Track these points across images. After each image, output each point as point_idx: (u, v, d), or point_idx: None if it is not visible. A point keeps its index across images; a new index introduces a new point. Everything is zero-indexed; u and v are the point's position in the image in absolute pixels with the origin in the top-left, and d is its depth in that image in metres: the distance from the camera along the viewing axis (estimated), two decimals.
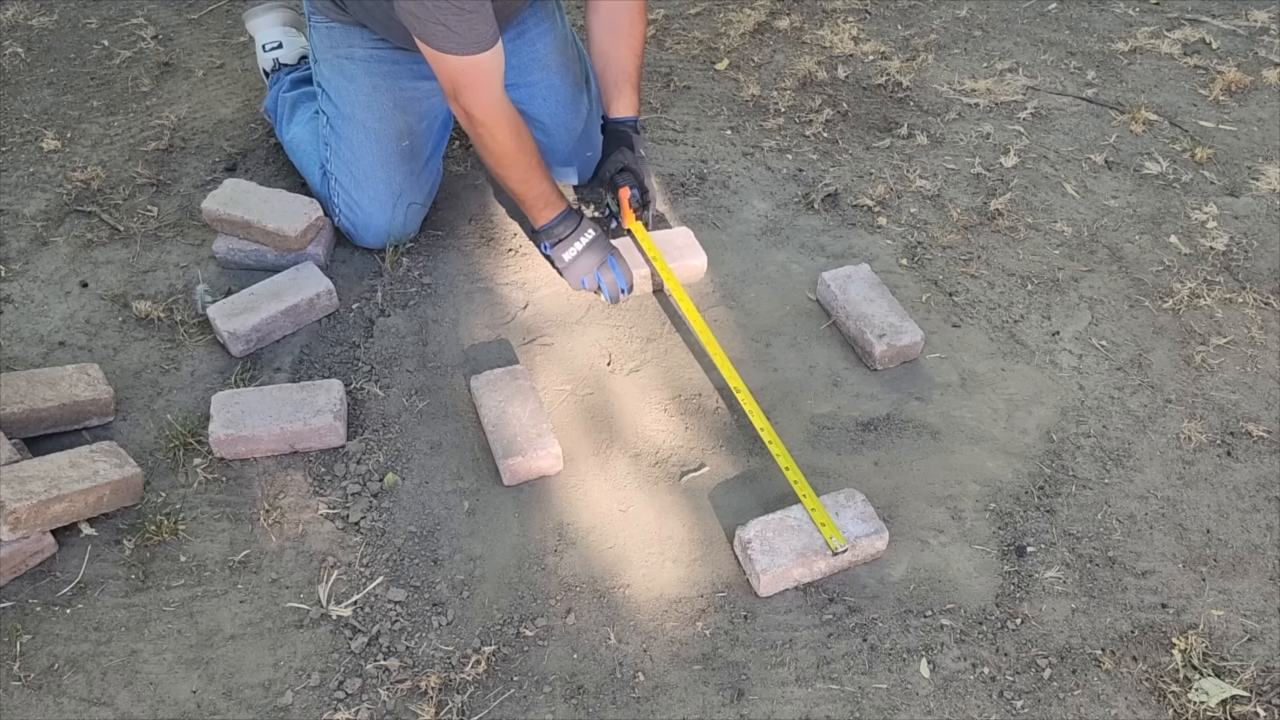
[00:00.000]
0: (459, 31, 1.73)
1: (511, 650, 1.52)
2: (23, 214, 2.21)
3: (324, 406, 1.74)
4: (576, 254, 1.98)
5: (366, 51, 2.01)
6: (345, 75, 2.02)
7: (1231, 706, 1.45)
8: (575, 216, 2.00)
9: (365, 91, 2.01)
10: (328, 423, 1.72)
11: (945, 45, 2.78)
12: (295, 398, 1.75)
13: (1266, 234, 2.20)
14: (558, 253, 2.00)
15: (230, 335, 1.87)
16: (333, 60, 2.03)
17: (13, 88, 2.56)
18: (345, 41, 2.02)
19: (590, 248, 1.99)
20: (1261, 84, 2.63)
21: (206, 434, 1.73)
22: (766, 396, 1.87)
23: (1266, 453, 1.79)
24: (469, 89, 1.82)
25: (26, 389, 1.72)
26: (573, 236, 1.98)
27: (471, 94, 1.82)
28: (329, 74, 2.04)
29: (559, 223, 1.99)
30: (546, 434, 1.72)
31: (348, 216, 2.07)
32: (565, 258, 1.99)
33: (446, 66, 1.79)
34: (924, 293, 2.06)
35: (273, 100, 2.29)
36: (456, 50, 1.76)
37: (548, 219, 1.99)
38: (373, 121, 2.01)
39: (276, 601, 1.57)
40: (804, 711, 1.46)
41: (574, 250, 1.98)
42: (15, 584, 1.58)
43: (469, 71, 1.79)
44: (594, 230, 2.00)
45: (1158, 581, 1.61)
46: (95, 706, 1.45)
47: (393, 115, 2.02)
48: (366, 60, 2.01)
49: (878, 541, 1.60)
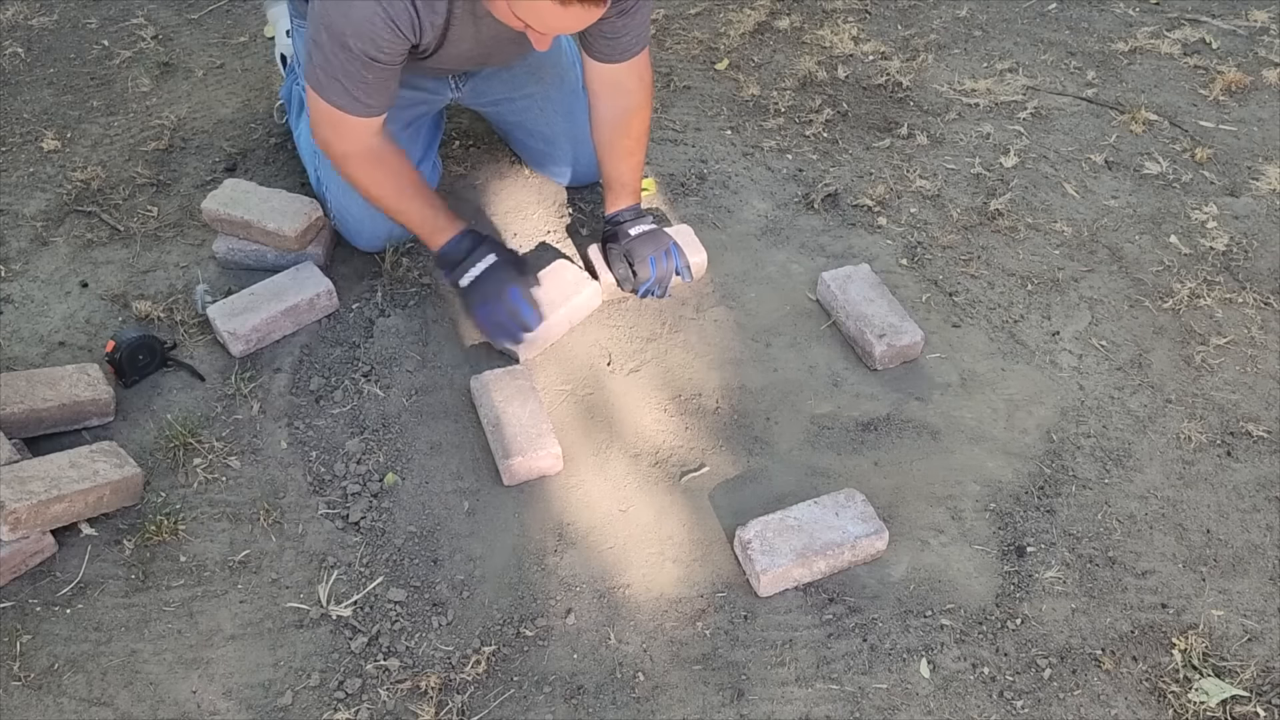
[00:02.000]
0: (355, 95, 1.67)
1: (511, 650, 1.52)
2: (23, 214, 2.21)
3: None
4: (472, 279, 1.82)
5: None
6: None
7: (1231, 706, 1.45)
8: (473, 238, 1.85)
9: None
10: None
11: (945, 45, 2.78)
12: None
13: (1266, 234, 2.20)
14: (454, 279, 1.84)
15: (230, 335, 1.87)
16: None
17: (13, 88, 2.56)
18: None
19: (491, 273, 1.81)
20: (1261, 84, 2.63)
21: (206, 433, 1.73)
22: (766, 396, 1.87)
23: (1266, 453, 1.79)
24: (336, 129, 1.73)
25: (26, 389, 1.72)
26: (469, 261, 1.82)
27: (338, 136, 1.75)
28: None
29: (452, 246, 1.83)
30: (546, 434, 1.72)
31: (341, 222, 2.07)
32: (461, 283, 1.83)
33: (325, 110, 1.70)
34: (924, 293, 2.06)
35: (287, 90, 2.28)
36: (343, 108, 1.68)
37: (439, 244, 1.84)
38: None
39: (276, 601, 1.57)
40: (804, 711, 1.46)
41: (469, 277, 1.82)
42: (15, 584, 1.58)
43: (345, 123, 1.71)
44: (496, 255, 1.83)
45: (1158, 581, 1.61)
46: (95, 706, 1.45)
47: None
48: None
49: (878, 541, 1.60)
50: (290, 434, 1.79)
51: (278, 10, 2.40)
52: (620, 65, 1.86)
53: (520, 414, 1.75)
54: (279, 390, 1.86)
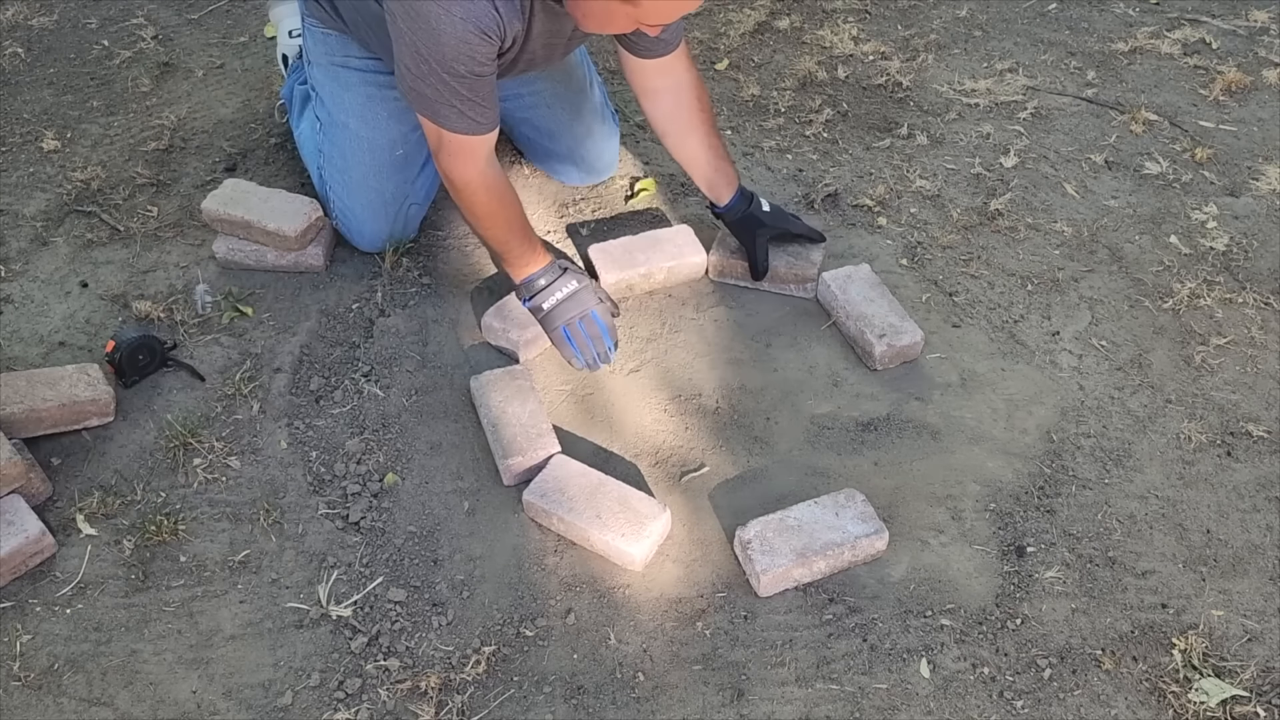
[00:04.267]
0: (471, 115, 1.66)
1: (511, 650, 1.52)
2: (23, 214, 2.21)
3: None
4: (557, 302, 1.83)
5: (363, 61, 1.98)
6: (340, 82, 1.99)
7: (1231, 707, 1.45)
8: (558, 269, 1.86)
9: (360, 100, 1.98)
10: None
11: (945, 45, 2.78)
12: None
13: (1266, 234, 2.20)
14: (536, 303, 1.85)
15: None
16: (328, 67, 2.00)
17: (13, 88, 2.56)
18: (342, 50, 1.98)
19: (572, 298, 1.84)
20: (1261, 84, 2.63)
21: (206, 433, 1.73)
22: (766, 396, 1.87)
23: (1266, 453, 1.79)
24: (457, 157, 1.74)
25: (26, 389, 1.72)
26: (553, 287, 1.84)
27: (459, 163, 1.74)
28: (324, 79, 2.01)
29: (539, 275, 1.85)
30: (547, 434, 1.72)
31: (342, 222, 2.07)
32: (545, 306, 1.84)
33: (443, 137, 1.70)
34: (924, 293, 2.06)
35: (288, 90, 2.28)
36: (464, 131, 1.68)
37: (527, 274, 1.86)
38: (365, 131, 1.99)
39: (276, 601, 1.57)
40: (804, 711, 1.46)
41: (554, 299, 1.83)
42: (15, 584, 1.58)
43: (466, 144, 1.71)
44: (578, 282, 1.85)
45: (1158, 581, 1.61)
46: (95, 706, 1.45)
47: (387, 124, 1.99)
48: (363, 70, 1.98)
49: (878, 541, 1.60)
50: (290, 434, 1.79)
51: (281, 10, 2.40)
52: (669, 56, 1.85)
53: (520, 414, 1.74)
54: (279, 390, 1.86)
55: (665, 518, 1.62)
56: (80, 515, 1.66)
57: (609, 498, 1.64)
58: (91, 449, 1.76)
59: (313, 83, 2.05)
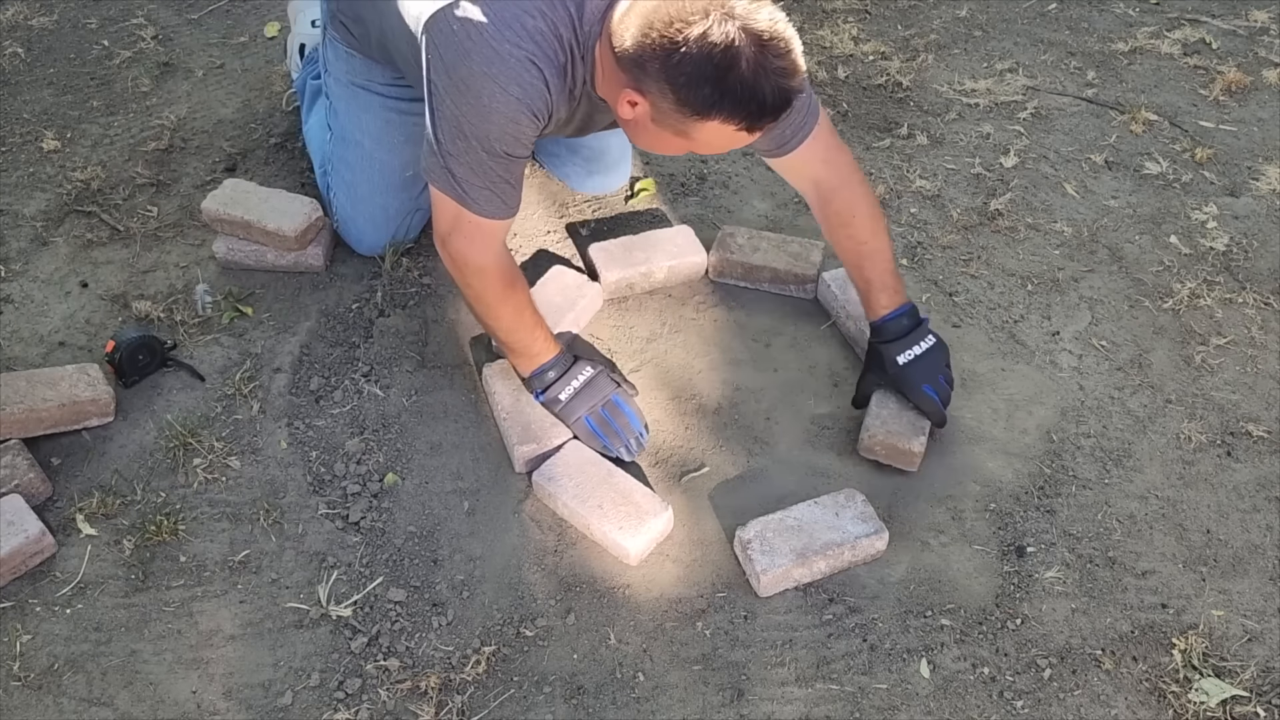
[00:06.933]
0: (501, 198, 1.58)
1: (511, 650, 1.52)
2: (23, 214, 2.21)
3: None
4: (573, 393, 1.73)
5: (385, 86, 1.92)
6: (359, 103, 1.95)
7: (1231, 707, 1.45)
8: (568, 359, 1.76)
9: (379, 124, 1.94)
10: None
11: (945, 45, 2.78)
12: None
13: (1266, 234, 2.20)
14: (552, 395, 1.73)
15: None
16: (348, 85, 1.95)
17: (13, 88, 2.56)
18: (364, 73, 1.93)
19: (589, 387, 1.74)
20: (1261, 84, 2.63)
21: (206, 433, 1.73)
22: (766, 396, 1.87)
23: (1266, 453, 1.79)
24: (474, 241, 1.63)
25: (26, 389, 1.72)
26: (566, 377, 1.74)
27: (476, 247, 1.63)
28: (341, 94, 1.97)
29: (549, 367, 1.74)
30: (560, 422, 1.74)
31: (343, 229, 2.06)
32: (561, 398, 1.73)
33: (462, 218, 1.59)
34: (924, 293, 2.06)
35: (301, 82, 2.26)
36: (491, 215, 1.59)
37: (536, 366, 1.74)
38: (380, 153, 1.96)
39: (276, 601, 1.57)
40: (804, 711, 1.46)
41: (570, 389, 1.73)
42: (15, 584, 1.58)
43: (486, 228, 1.61)
44: (591, 369, 1.75)
45: (1158, 581, 1.61)
46: (95, 706, 1.45)
47: (401, 148, 1.95)
48: (384, 94, 1.93)
49: (878, 541, 1.60)
50: (290, 434, 1.79)
51: (299, 4, 2.38)
52: (794, 154, 1.71)
53: (534, 402, 1.75)
54: (279, 390, 1.86)
55: (666, 516, 1.62)
56: (80, 515, 1.66)
57: (615, 489, 1.64)
58: (91, 449, 1.76)
59: (329, 91, 2.01)
